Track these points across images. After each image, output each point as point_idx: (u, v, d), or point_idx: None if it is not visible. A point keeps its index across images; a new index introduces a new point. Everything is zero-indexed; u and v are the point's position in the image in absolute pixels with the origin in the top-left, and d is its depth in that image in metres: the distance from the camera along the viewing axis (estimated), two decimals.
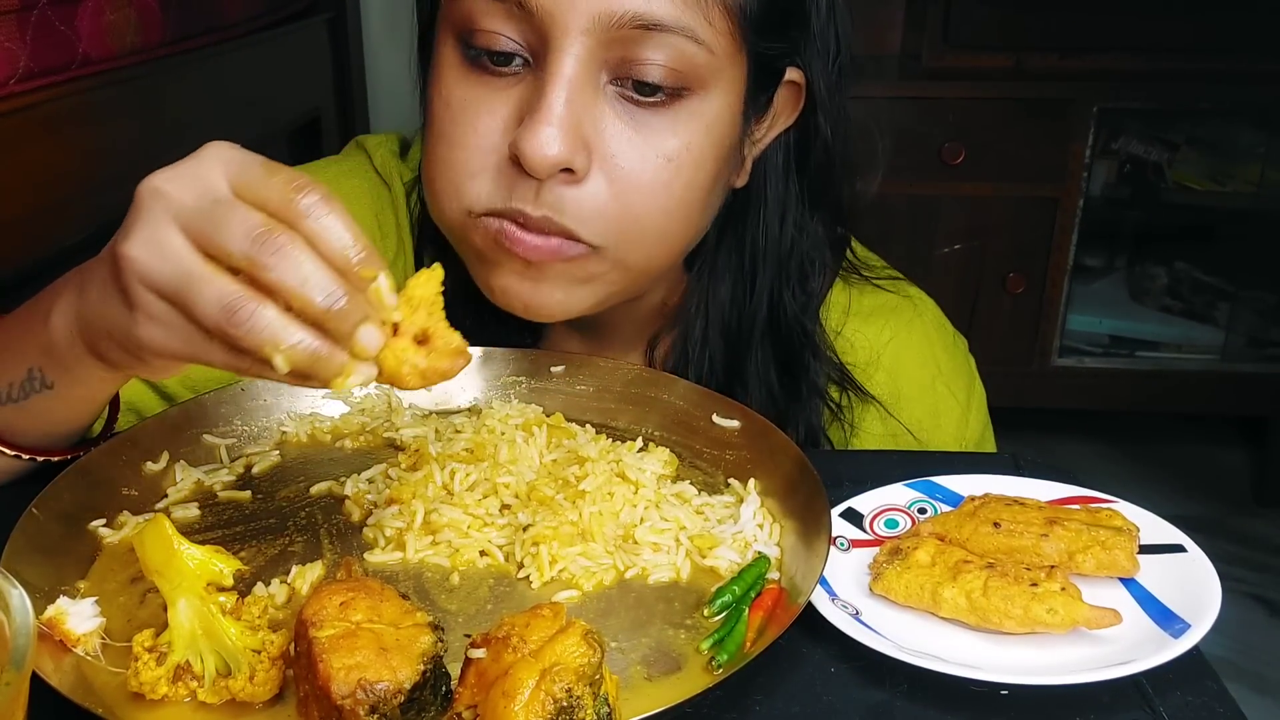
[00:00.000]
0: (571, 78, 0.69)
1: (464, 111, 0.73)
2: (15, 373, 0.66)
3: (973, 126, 2.31)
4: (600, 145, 0.72)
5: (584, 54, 0.69)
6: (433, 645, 0.50)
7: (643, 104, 0.72)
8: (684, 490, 0.71)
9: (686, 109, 0.73)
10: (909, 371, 0.91)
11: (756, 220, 0.84)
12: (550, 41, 0.69)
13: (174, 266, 0.52)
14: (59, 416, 0.70)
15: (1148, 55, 2.36)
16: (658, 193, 0.73)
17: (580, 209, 0.72)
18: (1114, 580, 0.63)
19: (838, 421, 0.89)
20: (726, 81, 0.74)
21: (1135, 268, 2.68)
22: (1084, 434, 2.64)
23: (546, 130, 0.69)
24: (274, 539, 0.68)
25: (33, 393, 0.66)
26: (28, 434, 0.70)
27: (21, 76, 1.09)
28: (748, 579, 0.62)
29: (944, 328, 0.95)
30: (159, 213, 0.53)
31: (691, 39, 0.70)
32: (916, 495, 0.71)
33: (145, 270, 0.53)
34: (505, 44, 0.71)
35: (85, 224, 1.22)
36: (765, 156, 0.83)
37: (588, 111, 0.71)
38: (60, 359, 0.64)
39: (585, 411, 0.81)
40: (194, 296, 0.52)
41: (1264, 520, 2.39)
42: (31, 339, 0.65)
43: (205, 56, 1.56)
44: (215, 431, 0.77)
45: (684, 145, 0.73)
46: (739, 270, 0.85)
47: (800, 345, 0.87)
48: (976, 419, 0.94)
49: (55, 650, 0.55)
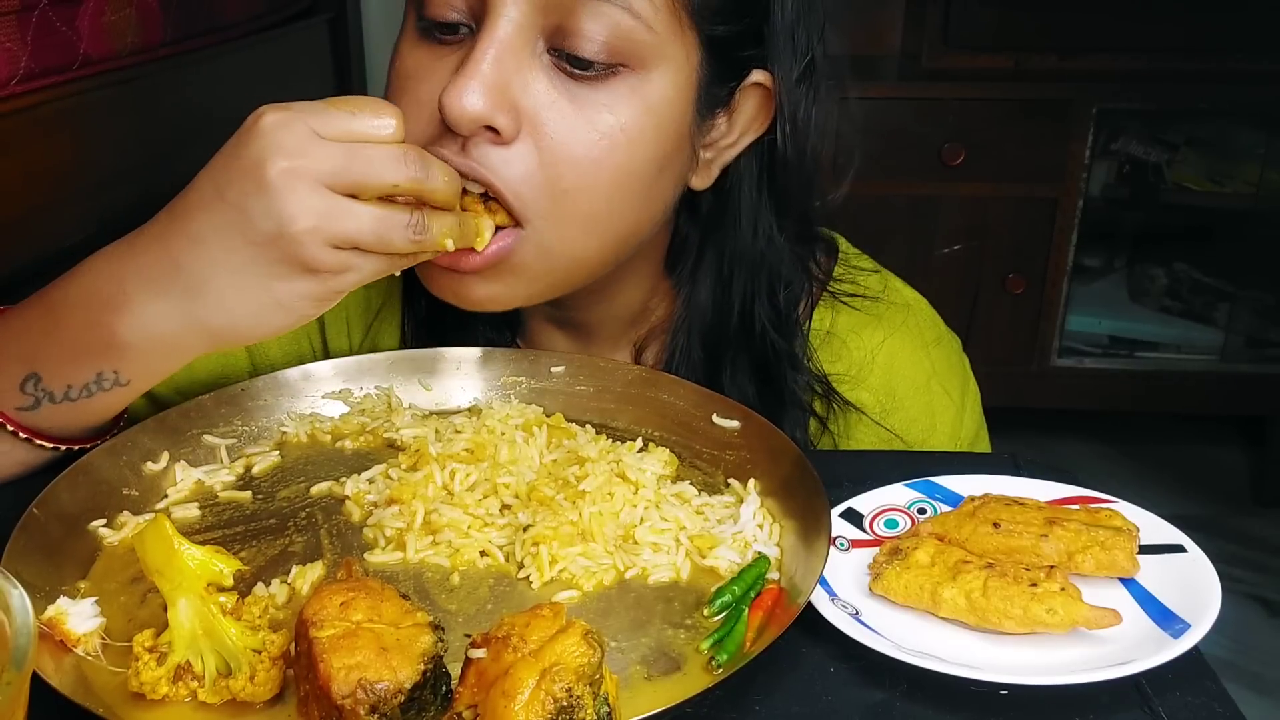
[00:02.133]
0: (502, 39, 0.70)
1: (408, 80, 0.74)
2: (77, 376, 0.68)
3: (972, 127, 2.31)
4: (530, 112, 0.71)
5: (519, 17, 0.69)
6: (433, 645, 0.50)
7: (578, 77, 0.71)
8: (684, 490, 0.71)
9: (625, 85, 0.72)
10: (903, 372, 0.90)
11: (733, 228, 0.83)
12: (489, 5, 0.70)
13: (358, 221, 0.62)
14: (117, 405, 0.72)
15: (1147, 56, 2.37)
16: (588, 169, 0.72)
17: (507, 169, 0.71)
18: (1114, 580, 0.63)
19: (826, 433, 0.89)
20: (671, 63, 0.73)
21: (1135, 268, 2.68)
22: (1084, 434, 2.64)
23: (469, 84, 0.68)
24: (274, 539, 0.68)
25: (100, 391, 0.69)
26: (70, 427, 0.71)
27: (22, 77, 1.09)
28: (748, 579, 0.62)
29: (937, 327, 0.94)
30: (307, 188, 0.61)
31: (627, 11, 0.70)
32: (916, 495, 0.71)
33: (331, 234, 0.62)
34: (451, 14, 0.72)
35: (85, 224, 1.22)
36: (739, 164, 0.82)
37: (519, 74, 0.70)
38: (144, 359, 0.67)
39: (585, 412, 0.81)
40: (387, 234, 0.63)
41: (1264, 520, 2.39)
42: (92, 341, 0.67)
43: (206, 57, 1.56)
44: (215, 431, 0.77)
45: (619, 123, 0.72)
46: (717, 277, 0.85)
47: (776, 357, 0.86)
48: (971, 418, 0.93)
49: (55, 650, 0.55)
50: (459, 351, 0.84)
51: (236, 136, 0.63)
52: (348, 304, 0.91)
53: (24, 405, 0.69)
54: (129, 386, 0.69)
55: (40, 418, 0.70)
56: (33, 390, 0.69)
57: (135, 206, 1.28)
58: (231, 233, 0.63)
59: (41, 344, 0.69)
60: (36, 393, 0.69)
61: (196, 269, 0.64)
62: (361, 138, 0.63)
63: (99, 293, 0.67)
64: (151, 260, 0.66)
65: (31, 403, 0.69)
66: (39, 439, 0.71)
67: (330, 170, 0.61)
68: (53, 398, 0.69)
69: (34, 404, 0.69)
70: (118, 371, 0.68)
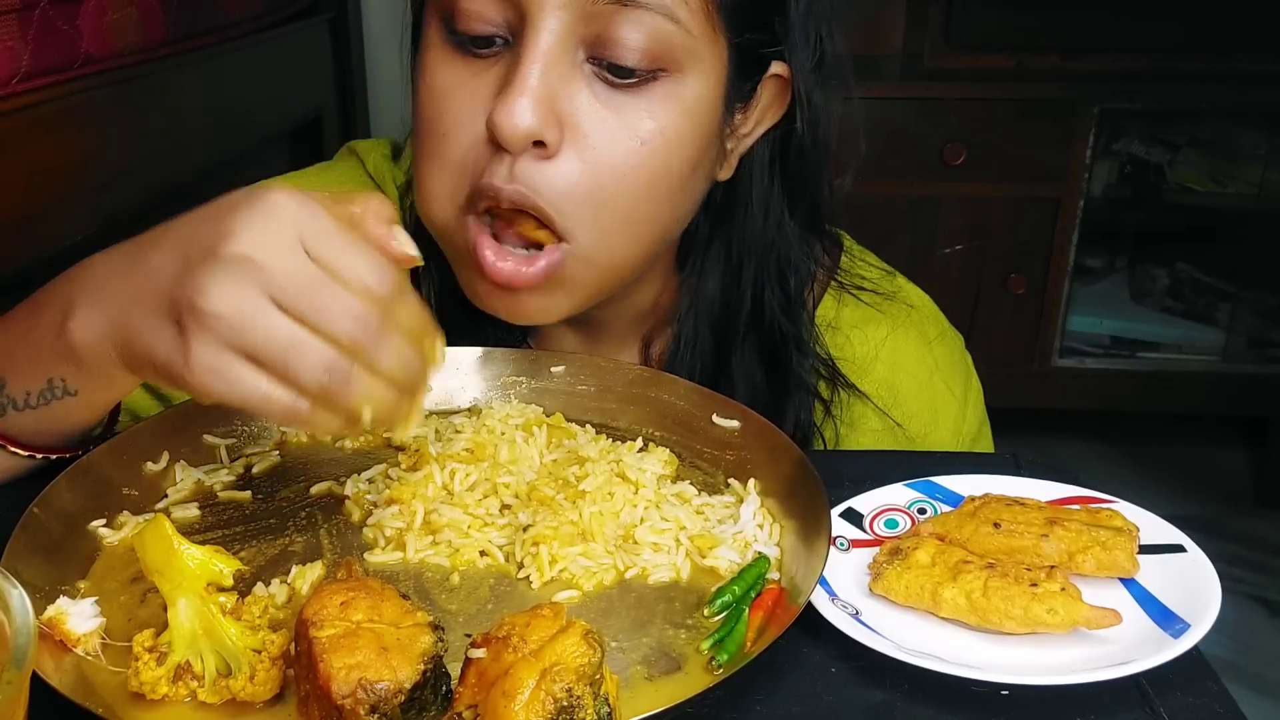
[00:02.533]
0: (546, 51, 0.70)
1: (446, 98, 0.74)
2: (33, 381, 0.66)
3: (974, 127, 2.31)
4: (574, 123, 0.71)
5: (560, 29, 0.70)
6: (433, 645, 0.50)
7: (618, 85, 0.72)
8: (684, 490, 0.71)
9: (663, 90, 0.72)
10: (906, 367, 0.91)
11: (743, 216, 0.84)
12: (527, 17, 0.70)
13: (273, 338, 0.54)
14: (78, 419, 0.70)
15: (1149, 56, 2.36)
16: (628, 174, 0.73)
17: (552, 188, 0.72)
18: (1114, 580, 0.63)
19: (830, 418, 0.89)
20: (705, 65, 0.74)
21: (1136, 268, 2.67)
22: (1084, 434, 2.64)
23: (520, 101, 0.69)
24: (274, 539, 0.68)
25: (53, 400, 0.66)
26: (41, 436, 0.70)
27: (23, 76, 1.09)
28: (748, 579, 0.62)
29: (940, 323, 0.95)
30: (249, 283, 0.54)
31: (669, 18, 0.70)
32: (916, 495, 0.71)
33: (238, 336, 0.54)
34: (485, 26, 0.71)
35: (85, 224, 1.22)
36: (752, 152, 0.82)
37: (563, 87, 0.71)
38: (87, 369, 0.64)
39: (585, 411, 0.81)
40: (296, 362, 0.54)
41: (1264, 520, 2.39)
42: (46, 347, 0.64)
43: (206, 56, 1.56)
44: (215, 431, 0.77)
45: (659, 128, 0.73)
46: (726, 265, 0.86)
47: (783, 340, 0.87)
48: (973, 414, 0.94)
49: (55, 650, 0.55)
50: (459, 351, 0.84)
51: (236, 195, 0.59)
52: None
53: None
54: (79, 398, 0.66)
55: (10, 424, 0.68)
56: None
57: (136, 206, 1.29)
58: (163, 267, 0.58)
59: (13, 347, 0.67)
60: (1, 398, 0.67)
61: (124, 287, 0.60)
62: (343, 279, 0.55)
63: (68, 297, 0.64)
64: (105, 270, 0.63)
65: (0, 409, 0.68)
66: (12, 446, 0.69)
67: (281, 286, 0.54)
68: (15, 404, 0.67)
69: (1, 411, 0.67)
70: (65, 380, 0.65)
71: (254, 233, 0.55)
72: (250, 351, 0.54)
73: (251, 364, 0.54)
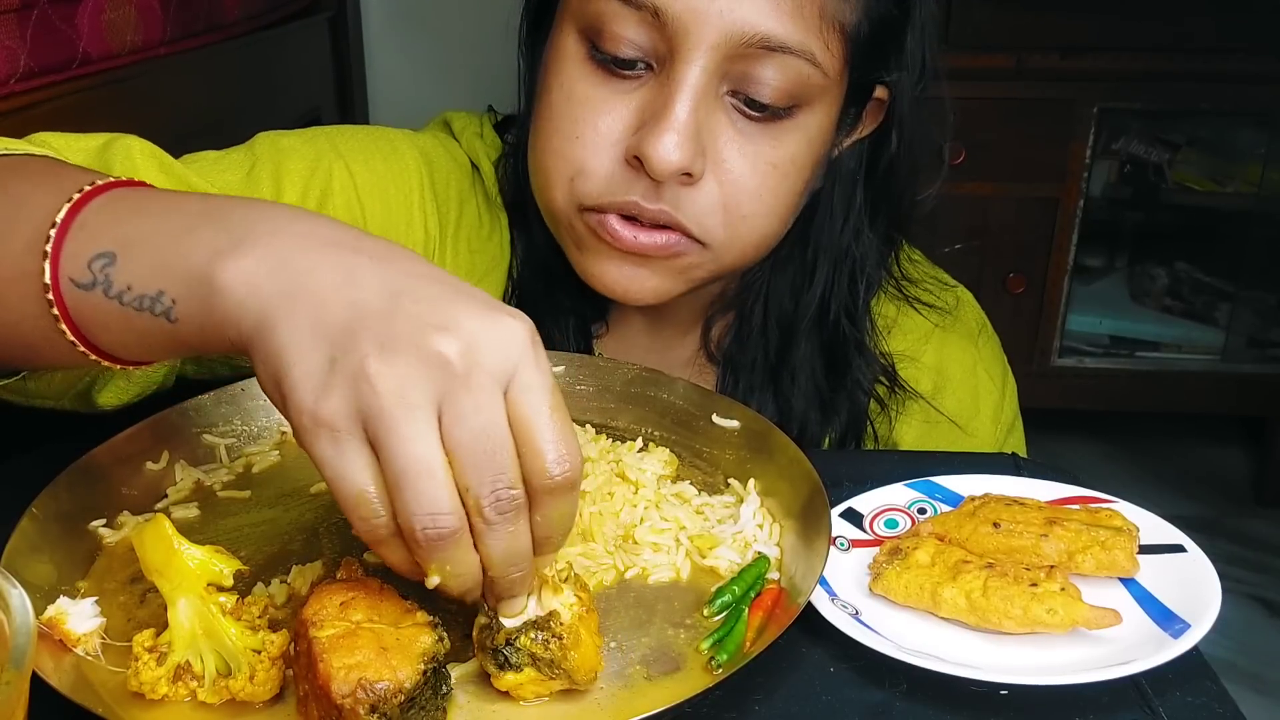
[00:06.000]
0: (696, 87, 0.73)
1: (584, 107, 0.77)
2: (145, 281, 0.54)
3: (973, 126, 2.31)
4: (714, 151, 0.76)
5: (710, 66, 0.73)
6: (433, 645, 0.50)
7: (754, 118, 0.76)
8: (684, 490, 0.71)
9: (793, 124, 0.77)
10: (954, 355, 0.96)
11: (824, 220, 0.88)
12: (679, 52, 0.73)
13: (408, 451, 0.47)
14: (152, 342, 0.56)
15: (1148, 56, 2.36)
16: (761, 197, 0.78)
17: (694, 208, 0.77)
18: (1114, 580, 0.63)
19: (885, 413, 0.94)
20: (829, 98, 0.78)
21: (1136, 268, 2.67)
22: (1084, 434, 2.64)
23: (671, 137, 0.72)
24: (274, 539, 0.68)
25: (147, 311, 0.54)
26: (104, 332, 0.57)
27: (21, 75, 1.09)
28: (748, 579, 0.62)
29: (982, 319, 1.01)
30: (431, 387, 0.47)
31: (810, 61, 0.74)
32: (916, 495, 0.71)
33: (377, 420, 0.47)
34: (632, 51, 0.74)
35: None
36: (839, 160, 0.86)
37: (707, 118, 0.75)
38: (203, 311, 0.53)
39: (585, 411, 0.81)
40: (408, 487, 0.47)
41: (1264, 520, 2.39)
42: (186, 257, 0.53)
43: (205, 55, 1.56)
44: (215, 431, 0.77)
45: (788, 156, 0.78)
46: (801, 264, 0.89)
47: (844, 341, 0.91)
48: (1010, 406, 0.99)
49: (55, 650, 0.55)
50: None
51: (480, 291, 0.52)
52: None
53: (81, 280, 0.56)
54: (176, 326, 0.54)
55: (83, 302, 0.56)
56: (98, 270, 0.56)
57: None
58: (368, 302, 0.50)
59: (152, 230, 0.56)
60: (99, 274, 0.56)
61: (314, 278, 0.51)
62: (519, 448, 0.49)
63: (249, 230, 0.53)
64: (304, 243, 0.53)
65: (89, 281, 0.56)
66: (64, 322, 0.56)
67: (458, 414, 0.48)
68: (109, 289, 0.55)
69: (90, 283, 0.56)
70: (175, 302, 0.54)
71: (468, 345, 0.48)
72: (378, 442, 0.47)
73: (369, 450, 0.48)
